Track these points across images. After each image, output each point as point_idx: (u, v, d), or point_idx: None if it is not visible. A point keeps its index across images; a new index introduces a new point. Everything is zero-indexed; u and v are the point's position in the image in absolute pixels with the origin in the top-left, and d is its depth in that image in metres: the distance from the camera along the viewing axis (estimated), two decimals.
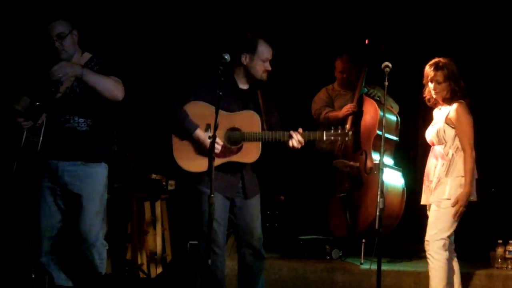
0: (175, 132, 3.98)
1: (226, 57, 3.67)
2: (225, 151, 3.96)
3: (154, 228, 5.63)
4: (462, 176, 4.07)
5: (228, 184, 4.03)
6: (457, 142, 4.12)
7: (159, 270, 5.54)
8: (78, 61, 4.01)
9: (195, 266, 4.04)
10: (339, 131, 3.98)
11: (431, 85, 4.18)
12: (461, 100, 4.15)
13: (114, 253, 5.29)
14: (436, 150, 4.20)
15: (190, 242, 5.25)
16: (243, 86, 4.12)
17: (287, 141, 3.94)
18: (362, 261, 5.07)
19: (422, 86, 4.29)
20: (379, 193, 3.61)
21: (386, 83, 3.78)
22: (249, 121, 3.98)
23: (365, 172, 5.09)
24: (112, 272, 5.13)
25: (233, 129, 3.98)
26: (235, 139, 3.97)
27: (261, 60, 4.04)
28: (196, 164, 3.93)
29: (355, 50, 5.60)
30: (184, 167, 3.95)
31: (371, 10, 5.96)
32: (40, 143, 3.91)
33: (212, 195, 3.50)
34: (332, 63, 5.70)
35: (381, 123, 4.88)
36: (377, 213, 3.58)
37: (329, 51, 5.86)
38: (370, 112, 5.20)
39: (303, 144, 3.95)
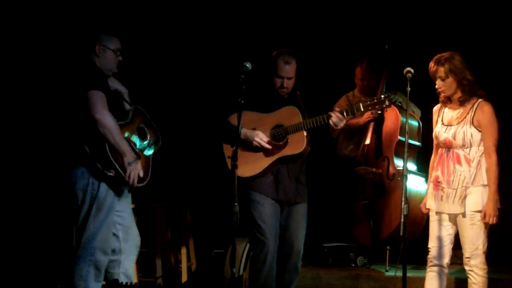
0: (225, 140, 4.13)
1: (247, 65, 3.72)
2: (273, 148, 4.09)
3: (179, 237, 5.65)
4: (487, 185, 3.84)
5: (279, 186, 4.12)
6: (481, 146, 3.88)
7: (184, 279, 5.56)
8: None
9: (253, 275, 4.12)
10: (375, 100, 4.01)
11: (436, 83, 3.93)
12: (481, 99, 3.89)
13: (139, 262, 5.33)
14: (460, 154, 3.89)
15: (215, 250, 5.29)
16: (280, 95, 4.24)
17: (328, 122, 3.99)
18: (387, 268, 5.05)
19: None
20: (403, 199, 3.60)
21: (409, 88, 3.75)
22: (289, 115, 4.11)
23: (387, 179, 5.07)
24: (138, 282, 5.16)
25: (276, 127, 4.12)
26: (280, 135, 4.10)
27: (276, 75, 4.15)
28: (245, 169, 4.01)
29: (375, 56, 5.60)
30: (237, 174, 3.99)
31: (389, 15, 5.94)
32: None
33: (236, 204, 3.55)
34: (352, 68, 5.70)
35: (403, 129, 4.89)
36: (402, 220, 3.57)
37: (349, 57, 5.87)
38: (391, 117, 5.18)
39: (344, 120, 3.99)
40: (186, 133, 6.02)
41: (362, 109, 4.02)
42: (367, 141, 5.32)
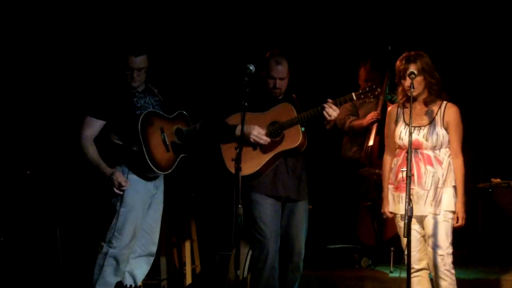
0: (222, 140, 4.15)
1: (251, 67, 3.73)
2: (270, 145, 4.10)
3: (183, 240, 5.66)
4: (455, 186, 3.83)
5: (278, 183, 4.12)
6: (448, 148, 3.86)
7: (189, 281, 5.57)
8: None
9: (255, 276, 4.12)
10: (367, 88, 4.00)
11: (404, 81, 3.81)
12: (445, 101, 3.87)
13: None
14: (431, 155, 3.84)
15: (219, 253, 5.29)
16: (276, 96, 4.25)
17: (322, 113, 3.98)
18: (391, 269, 5.05)
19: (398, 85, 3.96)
20: (407, 200, 3.60)
21: (412, 89, 3.75)
22: (284, 111, 4.13)
23: None
24: (142, 284, 5.16)
25: (272, 124, 4.13)
26: (275, 131, 4.11)
27: (269, 76, 4.16)
28: (244, 166, 3.91)
29: (378, 57, 5.60)
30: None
31: (392, 16, 5.96)
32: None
33: (240, 206, 3.54)
34: (355, 69, 5.70)
35: None
36: (406, 221, 3.56)
37: (352, 58, 5.87)
38: None
39: (337, 110, 3.99)
40: (211, 138, 6.01)
41: (354, 98, 4.01)
42: (371, 143, 5.33)
